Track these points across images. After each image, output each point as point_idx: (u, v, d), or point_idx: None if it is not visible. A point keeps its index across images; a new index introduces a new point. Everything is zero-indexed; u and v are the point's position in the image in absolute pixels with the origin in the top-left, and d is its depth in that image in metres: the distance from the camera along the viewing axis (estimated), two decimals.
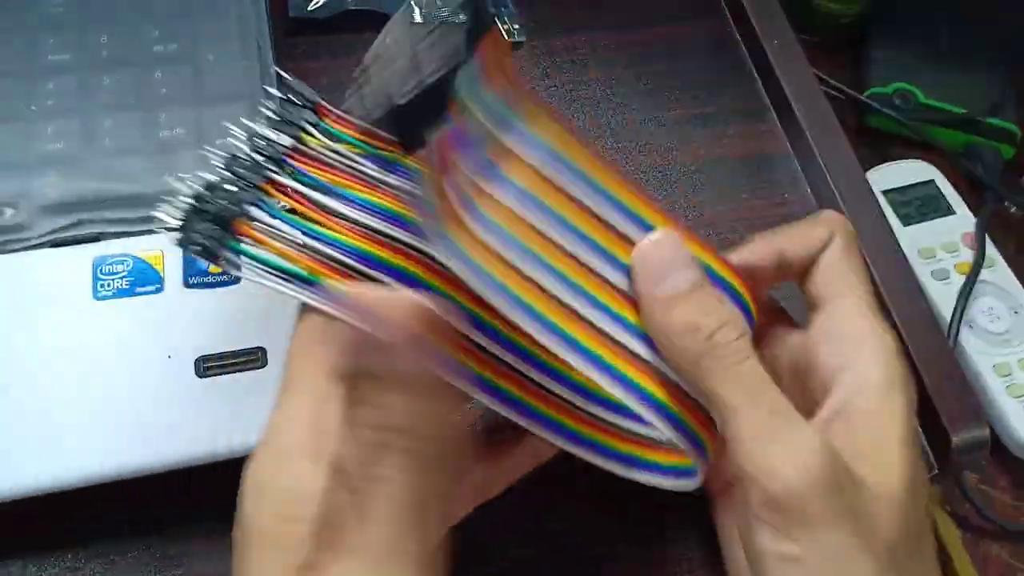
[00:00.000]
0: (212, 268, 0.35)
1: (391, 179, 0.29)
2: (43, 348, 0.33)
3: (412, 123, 0.26)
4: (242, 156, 0.29)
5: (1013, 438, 0.46)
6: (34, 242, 0.35)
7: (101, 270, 0.35)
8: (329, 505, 0.24)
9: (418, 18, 0.48)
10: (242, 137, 0.29)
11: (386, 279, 0.27)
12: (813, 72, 0.48)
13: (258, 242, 0.27)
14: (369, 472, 0.25)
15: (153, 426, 0.32)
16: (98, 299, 0.34)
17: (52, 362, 0.33)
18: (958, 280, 0.50)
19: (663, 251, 0.27)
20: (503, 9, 0.48)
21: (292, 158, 0.29)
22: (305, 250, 0.27)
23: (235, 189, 0.28)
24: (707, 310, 0.26)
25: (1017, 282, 0.51)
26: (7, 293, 0.34)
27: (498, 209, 0.27)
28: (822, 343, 0.29)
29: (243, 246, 0.27)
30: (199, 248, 0.27)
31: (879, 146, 0.58)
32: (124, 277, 0.35)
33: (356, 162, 0.29)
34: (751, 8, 0.50)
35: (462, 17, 0.48)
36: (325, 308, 0.26)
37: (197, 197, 0.27)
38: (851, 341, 0.28)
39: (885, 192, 0.54)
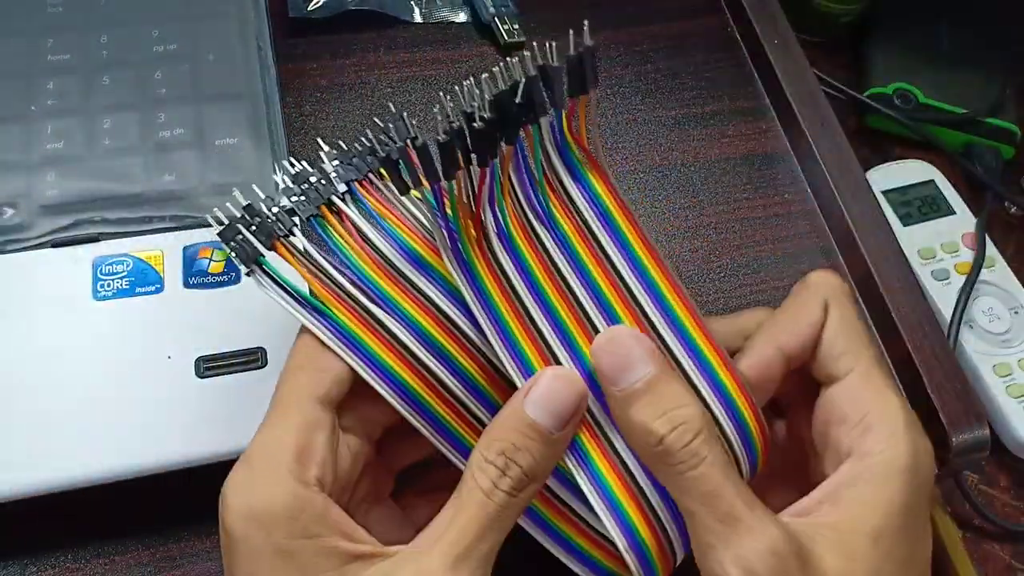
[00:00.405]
0: (212, 268, 0.35)
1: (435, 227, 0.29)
2: (43, 348, 0.33)
3: (482, 138, 0.26)
4: (315, 173, 0.30)
5: (1013, 438, 0.46)
6: (34, 242, 0.35)
7: (101, 270, 0.35)
8: (330, 527, 0.25)
9: (418, 18, 0.48)
10: (330, 152, 0.30)
11: (395, 323, 0.28)
12: (813, 72, 0.48)
13: (287, 261, 0.28)
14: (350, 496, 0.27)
15: (153, 426, 0.32)
16: (98, 299, 0.34)
17: (52, 362, 0.33)
18: (958, 280, 0.50)
19: (617, 347, 0.26)
20: (503, 9, 0.48)
21: (361, 184, 0.30)
22: (327, 280, 0.28)
23: (294, 200, 0.29)
24: (661, 410, 0.25)
25: (1017, 282, 0.51)
26: (7, 293, 0.34)
27: (529, 249, 0.28)
28: (832, 424, 0.28)
29: (268, 260, 0.28)
30: (235, 247, 0.28)
31: (879, 146, 0.58)
32: (124, 277, 0.35)
33: (416, 206, 0.30)
34: (751, 8, 0.50)
35: (462, 16, 0.48)
36: (327, 341, 0.27)
37: (249, 207, 0.29)
38: (855, 427, 0.27)
39: (885, 192, 0.54)
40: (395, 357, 0.27)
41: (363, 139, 0.31)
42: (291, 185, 0.30)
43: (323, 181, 0.30)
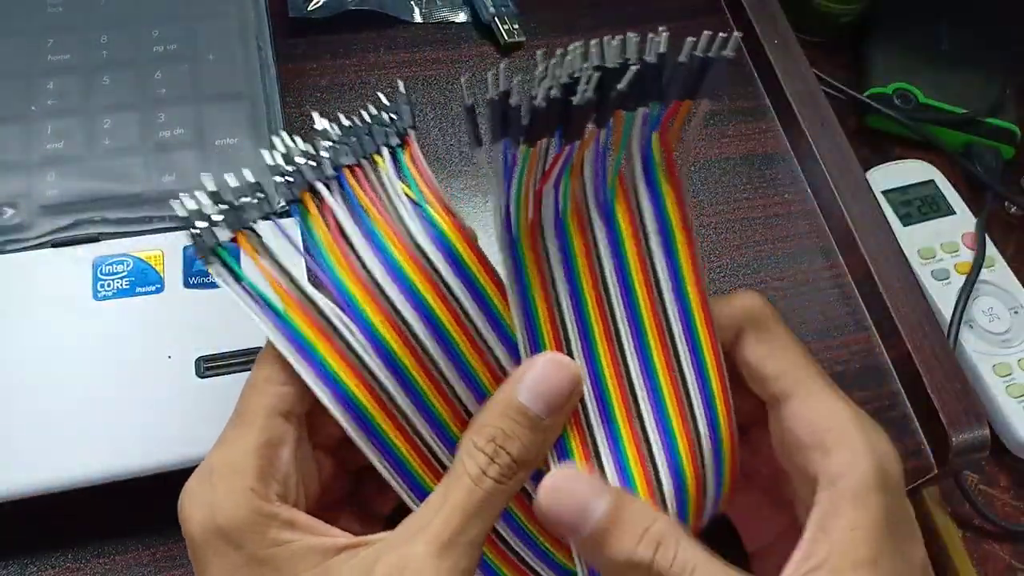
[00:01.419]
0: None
1: (423, 240, 0.27)
2: (43, 348, 0.33)
3: (573, 113, 0.24)
4: (300, 153, 0.28)
5: (1013, 438, 0.46)
6: (34, 242, 0.35)
7: (101, 270, 0.35)
8: (302, 531, 0.25)
9: (418, 18, 0.48)
10: (324, 131, 0.28)
11: (356, 334, 0.26)
12: (813, 72, 0.48)
13: (248, 254, 0.26)
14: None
15: (153, 426, 0.32)
16: (98, 299, 0.34)
17: (52, 362, 0.33)
18: (958, 280, 0.50)
19: (564, 496, 0.25)
20: (503, 9, 0.48)
21: (349, 171, 0.28)
22: (289, 280, 0.27)
23: (277, 182, 0.27)
24: (635, 536, 0.24)
25: (1017, 282, 0.51)
26: (7, 293, 0.34)
27: (581, 242, 0.27)
28: (790, 449, 0.28)
29: (226, 253, 0.26)
30: (195, 236, 0.26)
31: (879, 146, 0.58)
32: (124, 277, 0.35)
33: (403, 207, 0.28)
34: (751, 8, 0.50)
35: (462, 16, 0.48)
36: (280, 347, 0.26)
37: (215, 194, 0.27)
38: (814, 452, 0.26)
39: (885, 192, 0.54)
40: (349, 371, 0.26)
41: (364, 113, 0.29)
42: (279, 163, 0.27)
43: (312, 163, 0.27)
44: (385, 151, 0.28)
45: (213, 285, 0.35)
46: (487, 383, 0.28)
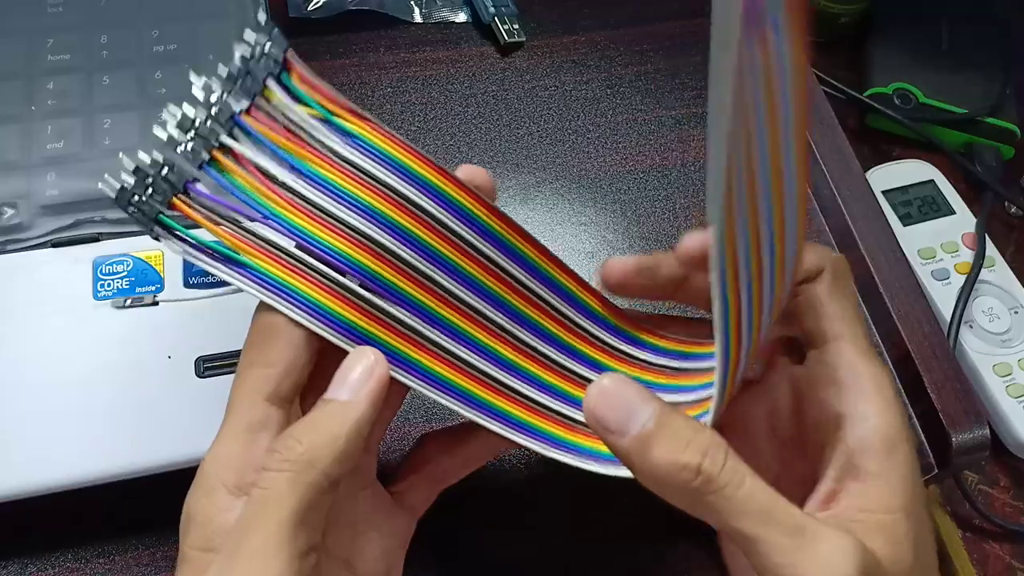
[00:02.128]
0: None
1: (351, 154, 0.26)
2: (43, 348, 0.33)
3: None
4: (193, 116, 0.26)
5: (1013, 438, 0.46)
6: (34, 242, 0.35)
7: (101, 270, 0.35)
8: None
9: (418, 18, 0.48)
10: (199, 90, 0.27)
11: (327, 266, 0.26)
12: (813, 72, 0.48)
13: (189, 217, 0.26)
14: None
15: (154, 426, 0.32)
16: (98, 299, 0.34)
17: (52, 362, 0.33)
18: (958, 280, 0.50)
19: (613, 398, 0.25)
20: (503, 9, 0.48)
21: (248, 116, 0.26)
22: (238, 229, 0.26)
23: (180, 152, 0.26)
24: (683, 442, 0.24)
25: (1017, 282, 0.51)
26: (7, 293, 0.34)
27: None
28: (820, 388, 0.28)
29: (169, 219, 0.26)
30: (133, 212, 0.26)
31: (879, 146, 0.58)
32: (124, 277, 0.35)
33: (316, 129, 0.27)
34: None
35: (462, 16, 0.48)
36: (254, 292, 0.26)
37: (137, 170, 0.26)
38: (850, 391, 0.27)
39: (885, 192, 0.54)
40: (332, 296, 0.26)
41: (237, 54, 0.27)
42: (175, 136, 0.26)
43: (208, 122, 0.26)
44: (271, 82, 0.27)
45: (213, 285, 0.35)
46: (466, 267, 0.28)
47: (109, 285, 0.34)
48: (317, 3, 0.46)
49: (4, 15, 0.41)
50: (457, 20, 0.48)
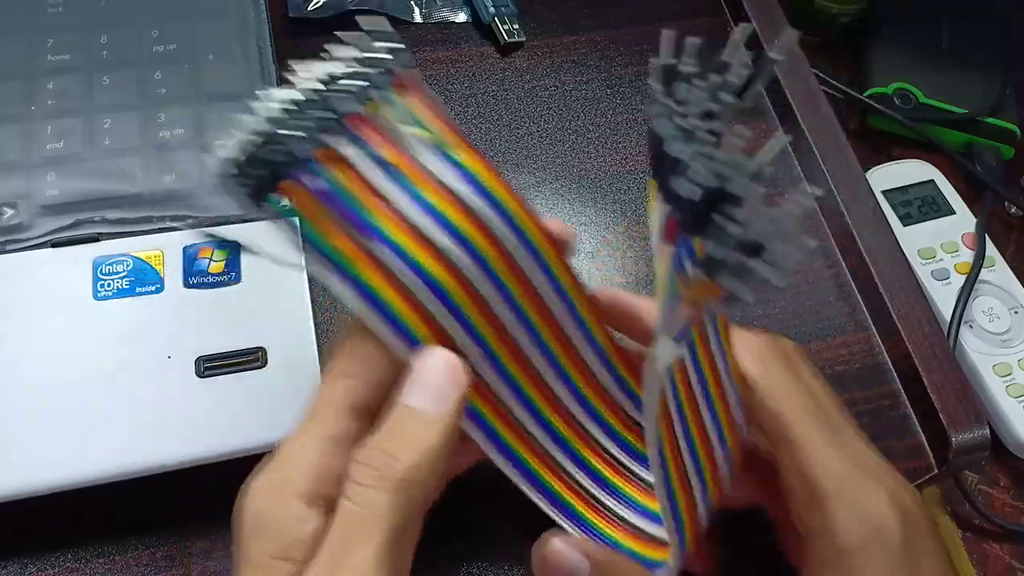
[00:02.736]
0: (212, 268, 0.35)
1: (455, 182, 0.24)
2: (43, 348, 0.33)
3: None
4: (298, 109, 0.24)
5: (1013, 438, 0.46)
6: (34, 242, 0.35)
7: (101, 270, 0.35)
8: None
9: (418, 18, 0.48)
10: (307, 82, 0.24)
11: (424, 293, 0.24)
12: (813, 72, 0.48)
13: (303, 209, 0.24)
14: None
15: (153, 426, 0.32)
16: (98, 299, 0.34)
17: (52, 362, 0.33)
18: (958, 280, 0.50)
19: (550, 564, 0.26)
20: (503, 9, 0.48)
21: (356, 123, 0.24)
22: (352, 233, 0.24)
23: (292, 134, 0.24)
24: None
25: (1017, 282, 0.51)
26: (7, 293, 0.34)
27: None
28: (791, 498, 0.27)
29: (283, 204, 0.24)
30: (249, 186, 0.23)
31: (879, 146, 0.58)
32: (124, 277, 0.35)
33: (424, 151, 0.24)
34: (751, 8, 0.50)
35: (462, 16, 0.48)
36: (350, 300, 0.24)
37: (255, 138, 0.24)
38: (816, 503, 0.26)
39: (885, 192, 0.54)
40: (433, 334, 0.24)
41: (350, 54, 0.25)
42: (279, 115, 0.23)
43: (317, 113, 0.23)
44: (385, 93, 0.25)
45: (213, 285, 0.35)
46: (547, 337, 0.27)
47: (109, 285, 0.34)
48: (317, 3, 0.46)
49: (4, 15, 0.41)
50: (457, 20, 0.48)
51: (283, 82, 0.25)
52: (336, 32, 0.25)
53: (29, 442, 0.31)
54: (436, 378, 0.24)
